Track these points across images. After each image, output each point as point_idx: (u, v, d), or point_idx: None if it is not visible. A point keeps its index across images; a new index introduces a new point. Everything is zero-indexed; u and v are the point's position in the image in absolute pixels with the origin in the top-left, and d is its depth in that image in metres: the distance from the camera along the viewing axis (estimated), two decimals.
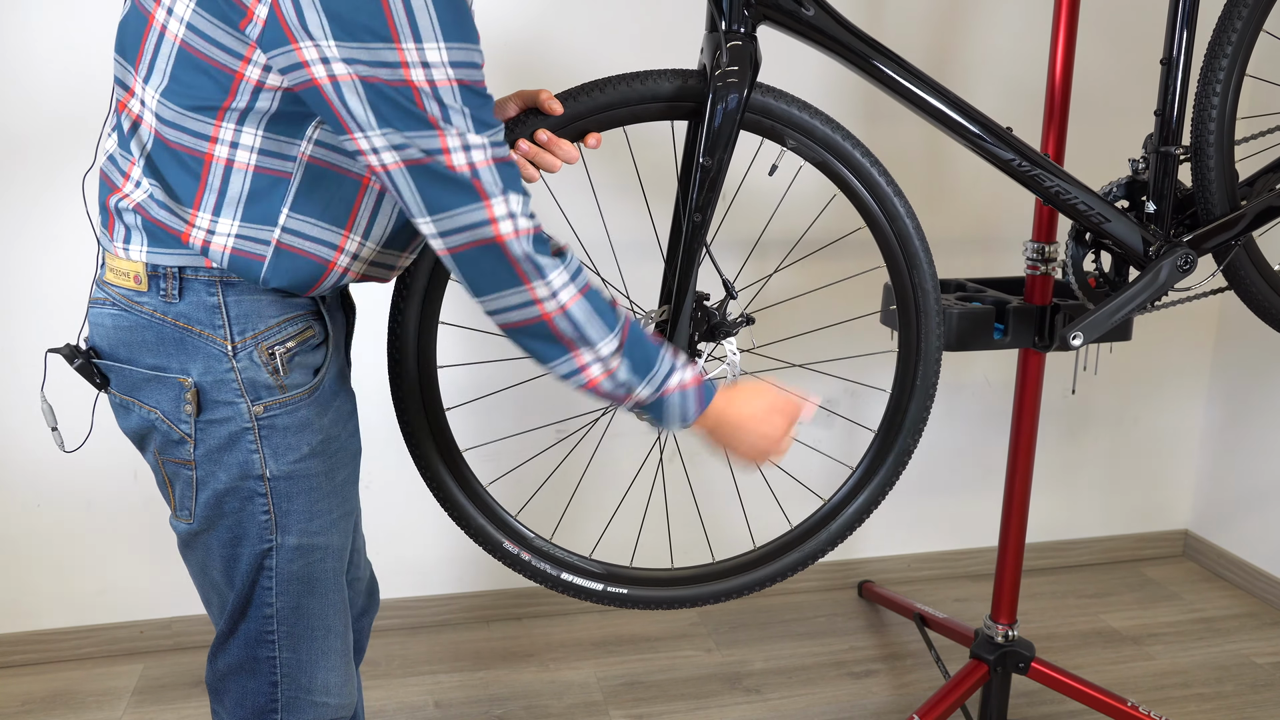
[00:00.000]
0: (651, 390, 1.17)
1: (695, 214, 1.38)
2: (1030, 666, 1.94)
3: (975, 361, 2.56)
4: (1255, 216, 1.67)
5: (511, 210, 1.05)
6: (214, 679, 1.24)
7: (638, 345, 1.16)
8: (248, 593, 1.17)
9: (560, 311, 1.09)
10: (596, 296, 1.13)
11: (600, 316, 1.12)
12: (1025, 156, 1.56)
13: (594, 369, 1.13)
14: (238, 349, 1.11)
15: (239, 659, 1.21)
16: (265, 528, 1.15)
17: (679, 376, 1.19)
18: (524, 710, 2.08)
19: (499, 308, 1.10)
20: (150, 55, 1.05)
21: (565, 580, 1.53)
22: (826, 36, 1.45)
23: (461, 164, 1.02)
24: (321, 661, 1.23)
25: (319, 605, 1.21)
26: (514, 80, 2.15)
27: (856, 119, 2.34)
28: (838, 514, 1.71)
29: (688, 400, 1.20)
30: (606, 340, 1.13)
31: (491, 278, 1.07)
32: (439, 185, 1.02)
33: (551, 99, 1.39)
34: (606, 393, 1.16)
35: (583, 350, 1.12)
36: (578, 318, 1.11)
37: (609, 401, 1.19)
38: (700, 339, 1.47)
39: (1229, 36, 1.58)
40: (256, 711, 1.22)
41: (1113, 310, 1.65)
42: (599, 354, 1.13)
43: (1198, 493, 2.80)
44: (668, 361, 1.19)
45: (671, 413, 1.20)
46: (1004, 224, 2.49)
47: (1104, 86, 2.47)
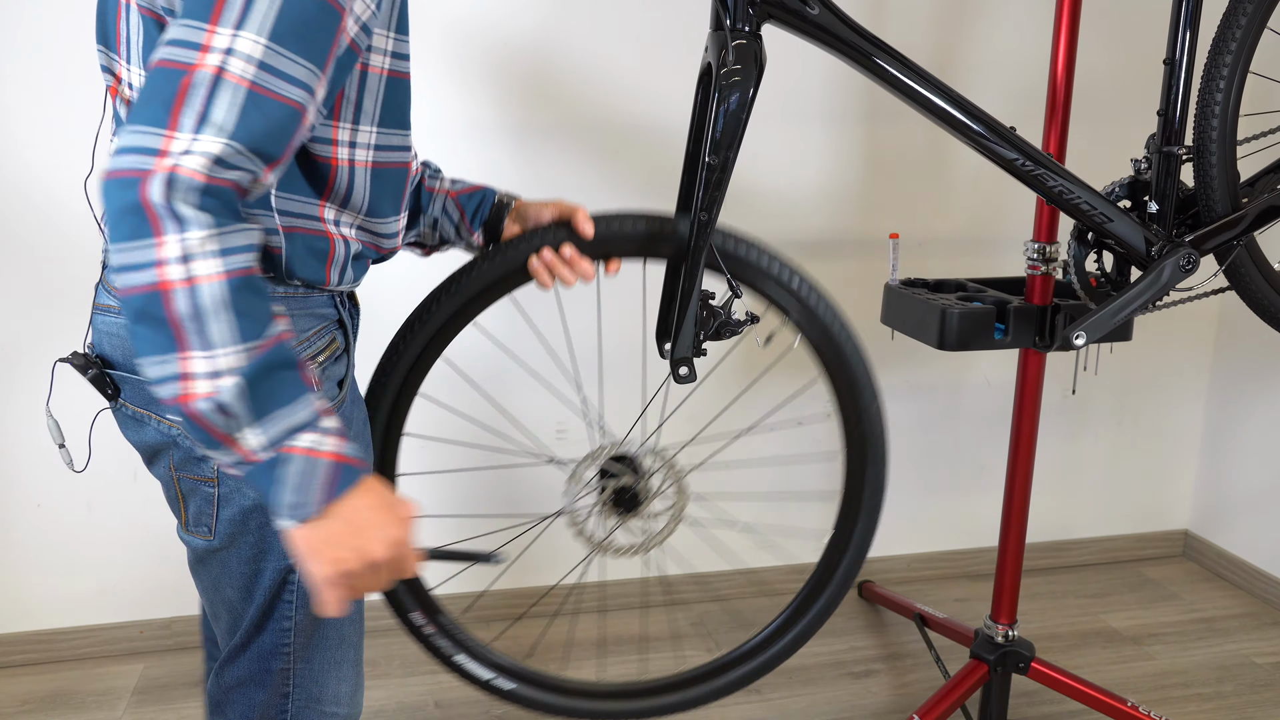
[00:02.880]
0: (266, 440, 0.87)
1: (701, 213, 1.37)
2: (1030, 666, 1.94)
3: (975, 361, 2.56)
4: (1257, 216, 1.67)
5: (191, 148, 0.85)
6: (219, 691, 1.21)
7: (276, 374, 0.87)
8: (268, 608, 1.14)
9: (185, 285, 0.83)
10: (251, 295, 0.86)
11: (239, 318, 0.85)
12: (1028, 156, 1.56)
13: (198, 382, 0.84)
14: None
15: (250, 672, 1.18)
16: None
17: (316, 440, 0.89)
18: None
19: (121, 264, 0.85)
20: (125, 33, 1.02)
21: (456, 662, 1.55)
22: (831, 35, 1.45)
23: (208, 64, 0.86)
24: (334, 672, 1.20)
25: (338, 619, 1.18)
26: (514, 81, 2.16)
27: (859, 118, 2.34)
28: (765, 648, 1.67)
29: (315, 474, 0.88)
30: (232, 350, 0.85)
31: (120, 220, 0.84)
32: (158, 80, 0.87)
33: (586, 220, 1.33)
34: (201, 419, 0.86)
35: (194, 352, 0.84)
36: (204, 303, 0.84)
37: (204, 441, 0.88)
38: (706, 339, 1.47)
39: (1232, 34, 1.58)
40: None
41: (1115, 310, 1.65)
42: (214, 364, 0.84)
43: (1198, 493, 2.80)
44: (307, 413, 0.89)
45: (284, 486, 0.88)
46: (1004, 224, 2.49)
47: (1106, 86, 2.47)
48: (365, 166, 1.08)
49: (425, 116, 2.13)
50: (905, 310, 1.86)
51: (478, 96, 2.15)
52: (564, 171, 2.22)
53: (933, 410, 2.56)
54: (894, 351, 2.51)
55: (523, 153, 2.19)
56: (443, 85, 2.13)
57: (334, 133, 1.04)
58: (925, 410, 2.56)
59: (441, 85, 2.12)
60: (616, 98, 2.21)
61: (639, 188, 2.27)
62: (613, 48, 2.19)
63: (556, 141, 2.20)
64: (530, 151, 2.19)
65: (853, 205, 2.39)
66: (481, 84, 2.14)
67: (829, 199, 2.38)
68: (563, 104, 2.19)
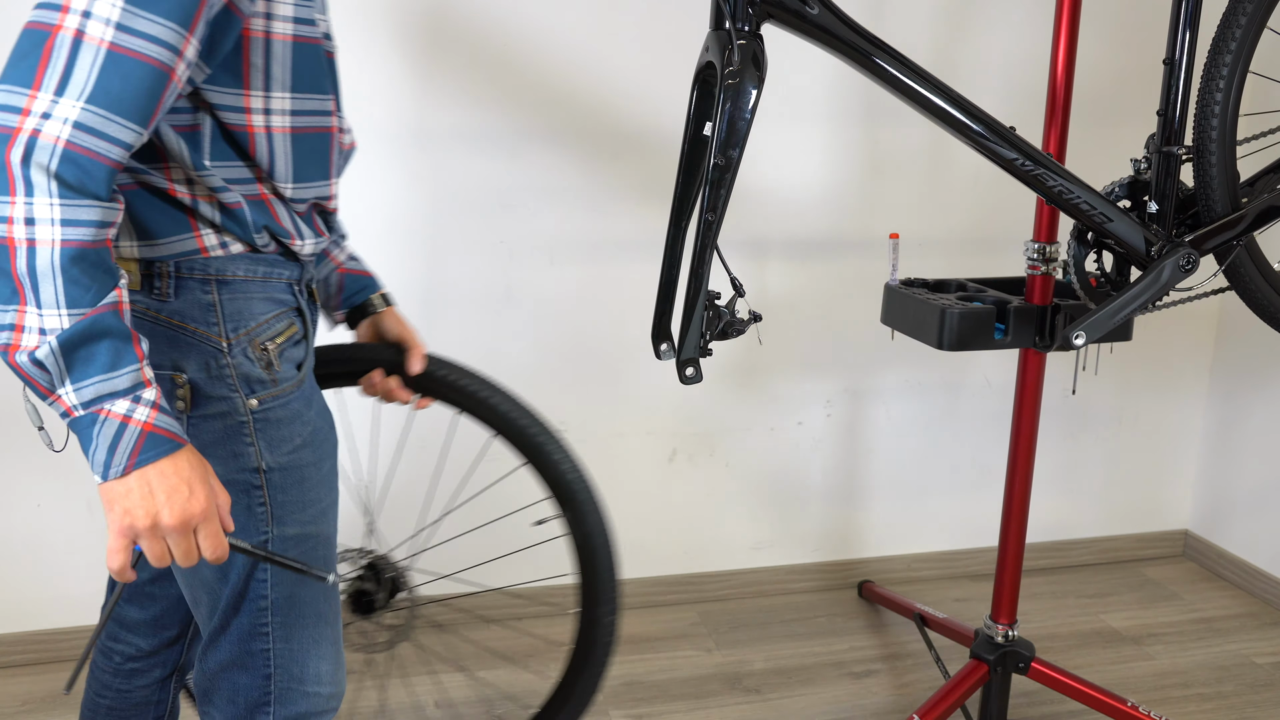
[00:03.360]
0: (79, 400, 0.93)
1: (707, 213, 1.37)
2: (1030, 666, 1.94)
3: (975, 361, 2.56)
4: (1256, 216, 1.67)
5: (51, 111, 0.90)
6: (204, 679, 1.23)
7: (99, 341, 0.93)
8: (243, 587, 1.17)
9: (25, 244, 0.90)
10: (87, 266, 0.92)
11: (70, 285, 0.91)
12: (1028, 155, 1.56)
13: (26, 335, 0.91)
14: (232, 344, 1.11)
15: (231, 655, 1.20)
16: (261, 519, 1.15)
17: (129, 407, 0.94)
18: (524, 710, 2.07)
19: None
20: None
21: None
22: (830, 35, 1.45)
23: (67, 25, 0.91)
24: (314, 650, 1.22)
25: (312, 594, 1.21)
26: (512, 80, 2.15)
27: (859, 118, 2.34)
28: None
29: (125, 438, 0.94)
30: (57, 312, 0.91)
31: None
32: (23, 41, 0.92)
33: (419, 360, 1.40)
34: (20, 369, 0.93)
35: (29, 307, 0.91)
36: (40, 264, 0.90)
37: (32, 389, 0.95)
38: (712, 339, 1.47)
39: (1232, 34, 1.58)
40: (249, 707, 1.21)
41: (1115, 310, 1.65)
42: (41, 321, 0.91)
43: (1198, 493, 2.80)
44: (126, 381, 0.94)
45: (98, 444, 0.94)
46: (1004, 224, 2.49)
47: (1106, 86, 2.48)
48: (284, 132, 1.11)
49: (425, 120, 2.14)
50: (905, 310, 1.86)
51: (475, 99, 2.15)
52: (564, 174, 2.22)
53: (933, 410, 2.56)
54: (894, 351, 2.51)
55: (522, 155, 2.19)
56: (440, 87, 2.13)
57: (247, 101, 1.07)
58: (925, 410, 2.56)
59: (439, 87, 2.13)
60: (615, 99, 2.21)
61: (639, 188, 2.27)
62: (613, 46, 2.19)
63: (555, 144, 2.20)
64: (530, 154, 2.19)
65: (853, 205, 2.39)
66: (480, 85, 2.14)
67: (829, 199, 2.38)
68: (561, 106, 2.19)
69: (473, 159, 2.17)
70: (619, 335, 2.33)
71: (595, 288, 2.30)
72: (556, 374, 2.32)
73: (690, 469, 2.46)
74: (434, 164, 2.16)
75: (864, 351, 2.49)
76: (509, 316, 2.27)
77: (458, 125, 2.15)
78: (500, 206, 2.21)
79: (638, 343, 2.35)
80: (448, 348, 2.25)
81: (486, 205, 2.20)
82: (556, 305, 2.29)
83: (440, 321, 2.23)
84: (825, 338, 2.46)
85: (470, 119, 2.15)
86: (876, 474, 2.57)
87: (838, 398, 2.50)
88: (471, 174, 2.19)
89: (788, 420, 2.48)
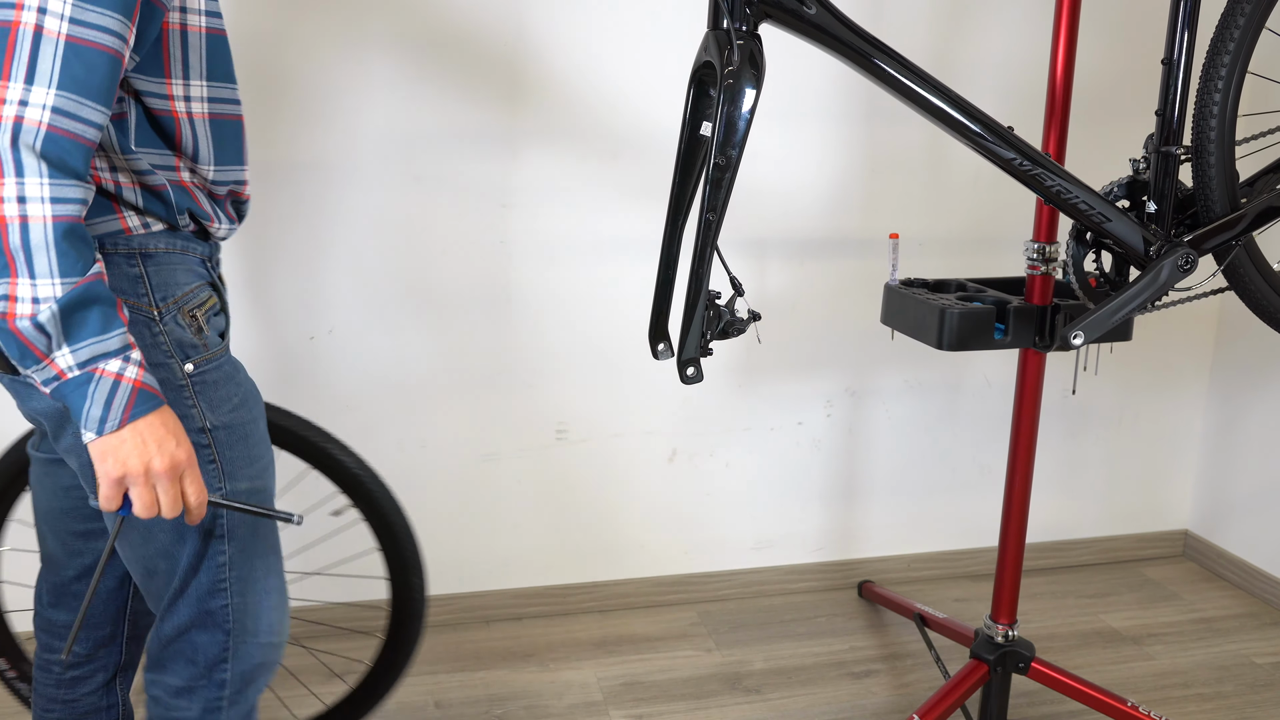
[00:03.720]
0: (78, 360, 1.01)
1: (708, 213, 1.37)
2: (1030, 666, 1.94)
3: (975, 361, 2.56)
4: (1256, 216, 1.67)
5: (26, 98, 0.96)
6: (159, 647, 1.26)
7: (89, 307, 1.01)
8: (202, 546, 1.21)
9: (19, 221, 0.96)
10: (74, 239, 1.00)
11: (62, 257, 0.98)
12: (1026, 156, 1.56)
13: (20, 304, 0.98)
14: (163, 313, 1.17)
15: (191, 616, 1.23)
16: (214, 476, 1.20)
17: (124, 366, 1.03)
18: (524, 710, 2.08)
19: None
20: None
21: None
22: (828, 35, 1.45)
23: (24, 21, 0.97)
24: (265, 601, 1.27)
25: (262, 546, 1.27)
26: (512, 80, 2.16)
27: (859, 118, 2.34)
28: None
29: (118, 394, 1.03)
30: (52, 281, 0.98)
31: None
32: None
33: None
34: (21, 335, 0.99)
35: (20, 279, 0.98)
36: (34, 239, 0.97)
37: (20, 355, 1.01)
38: (713, 338, 1.47)
39: (1231, 34, 1.58)
40: (209, 665, 1.25)
41: (1114, 310, 1.65)
42: (36, 290, 0.98)
43: (1198, 493, 2.80)
44: (117, 343, 1.03)
45: (93, 401, 1.02)
46: (1004, 224, 2.49)
47: (1105, 86, 2.48)
48: (203, 118, 1.18)
49: (425, 120, 2.14)
50: (905, 310, 1.86)
51: (475, 99, 2.15)
52: (564, 174, 2.22)
53: (933, 410, 2.56)
54: (894, 351, 2.51)
55: (522, 155, 2.19)
56: (440, 88, 2.13)
57: (169, 88, 1.14)
58: (925, 410, 2.56)
59: (439, 88, 2.13)
60: (615, 98, 2.21)
61: (638, 188, 2.27)
62: (612, 45, 2.19)
63: (555, 144, 2.20)
64: (530, 154, 2.19)
65: (853, 205, 2.39)
66: (480, 85, 2.14)
67: (829, 199, 2.38)
68: (560, 106, 2.19)
69: (473, 159, 2.17)
70: (619, 335, 2.33)
71: (595, 288, 2.30)
72: (556, 374, 2.32)
73: (690, 469, 2.46)
74: (434, 164, 2.16)
75: (864, 351, 2.49)
76: (509, 316, 2.27)
77: (458, 125, 2.15)
78: (500, 206, 2.21)
79: (637, 343, 2.35)
80: (448, 348, 2.26)
81: (486, 205, 2.20)
82: (556, 305, 2.29)
83: (440, 322, 2.23)
84: (825, 338, 2.46)
85: (470, 119, 2.15)
86: (876, 474, 2.57)
87: (838, 398, 2.50)
88: (472, 174, 2.19)
89: (788, 420, 2.48)
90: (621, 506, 2.44)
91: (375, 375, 2.23)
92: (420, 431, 2.28)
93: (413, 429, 2.27)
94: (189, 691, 1.26)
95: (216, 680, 1.26)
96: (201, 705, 1.26)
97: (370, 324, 2.21)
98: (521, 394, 2.32)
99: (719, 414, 2.44)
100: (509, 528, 2.38)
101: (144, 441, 1.05)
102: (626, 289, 2.32)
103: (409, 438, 2.28)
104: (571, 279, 2.28)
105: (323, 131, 2.10)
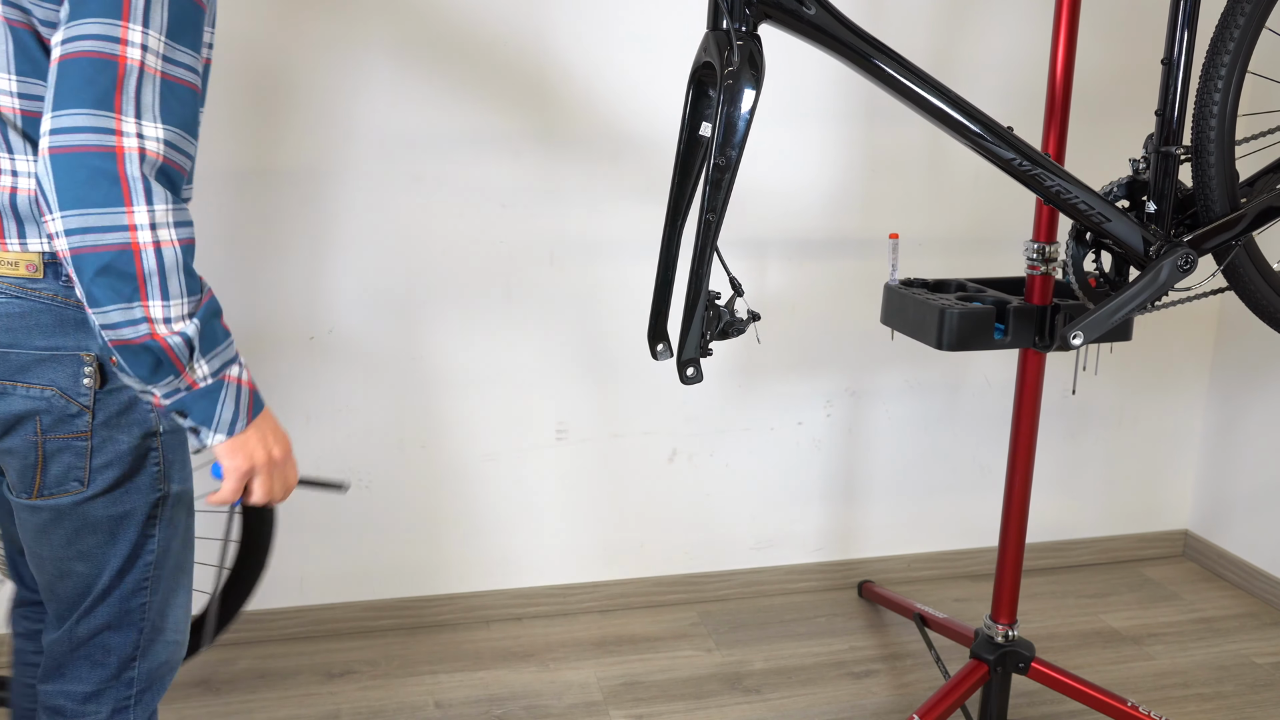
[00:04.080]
0: (211, 369, 1.10)
1: (708, 214, 1.37)
2: (1030, 666, 1.94)
3: (975, 361, 2.56)
4: (1255, 217, 1.67)
5: (143, 132, 1.03)
6: (66, 650, 1.27)
7: (213, 320, 1.11)
8: (136, 545, 1.24)
9: (153, 247, 1.03)
10: (191, 258, 1.09)
11: (188, 276, 1.07)
12: (1026, 156, 1.56)
13: (159, 325, 1.05)
14: None
15: (111, 616, 1.25)
16: (156, 478, 1.24)
17: (241, 371, 1.14)
18: (524, 710, 2.08)
19: (81, 226, 1.02)
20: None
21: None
22: (827, 35, 1.45)
23: (131, 58, 1.02)
24: (173, 600, 1.31)
25: (182, 546, 1.30)
26: (512, 81, 2.16)
27: (859, 118, 2.34)
28: None
29: (242, 397, 1.14)
30: (184, 300, 1.07)
31: (88, 187, 1.01)
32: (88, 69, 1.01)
33: None
34: (171, 351, 1.07)
35: (152, 301, 1.05)
36: (167, 262, 1.04)
37: (153, 370, 1.08)
38: (713, 339, 1.47)
39: (1230, 34, 1.58)
40: (121, 663, 1.27)
41: (1113, 310, 1.65)
42: (168, 311, 1.06)
43: (1198, 493, 2.80)
44: (234, 350, 1.14)
45: (225, 405, 1.12)
46: (1004, 224, 2.49)
47: (1105, 86, 2.48)
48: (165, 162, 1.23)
49: (423, 123, 2.14)
50: (905, 310, 1.86)
51: (475, 100, 2.15)
52: (564, 174, 2.22)
53: (933, 410, 2.56)
54: (894, 351, 2.51)
55: (522, 155, 2.19)
56: (440, 88, 2.13)
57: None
58: (925, 410, 2.56)
59: (439, 88, 2.13)
60: (615, 99, 2.21)
61: (638, 188, 2.27)
62: (611, 45, 2.19)
63: (555, 144, 2.20)
64: (530, 154, 2.19)
65: (853, 205, 2.39)
66: (480, 86, 2.14)
67: (829, 199, 2.38)
68: (560, 106, 2.19)
69: (473, 159, 2.17)
70: (619, 335, 2.33)
71: (595, 288, 2.30)
72: (556, 374, 2.32)
73: (690, 469, 2.46)
74: (434, 164, 2.16)
75: (864, 351, 2.49)
76: (509, 316, 2.27)
77: (458, 125, 2.15)
78: (500, 206, 2.21)
79: (637, 343, 2.35)
80: (448, 348, 2.26)
81: (486, 205, 2.20)
82: (556, 305, 2.29)
83: (440, 322, 2.23)
84: (825, 338, 2.46)
85: (470, 119, 2.16)
86: (876, 474, 2.57)
87: (838, 398, 2.50)
88: (472, 174, 2.19)
89: (788, 420, 2.48)
90: (621, 506, 2.44)
91: (375, 375, 2.24)
92: (420, 431, 2.28)
93: (413, 429, 2.27)
94: (97, 695, 1.27)
95: (125, 679, 1.28)
96: (110, 707, 1.28)
97: (370, 324, 2.21)
98: (521, 394, 2.32)
99: (719, 414, 2.44)
100: (509, 528, 2.38)
101: (264, 436, 1.16)
102: (626, 289, 2.32)
103: (409, 438, 2.28)
104: (571, 279, 2.28)
105: (323, 132, 2.10)
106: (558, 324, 2.30)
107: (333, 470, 2.25)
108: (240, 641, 2.29)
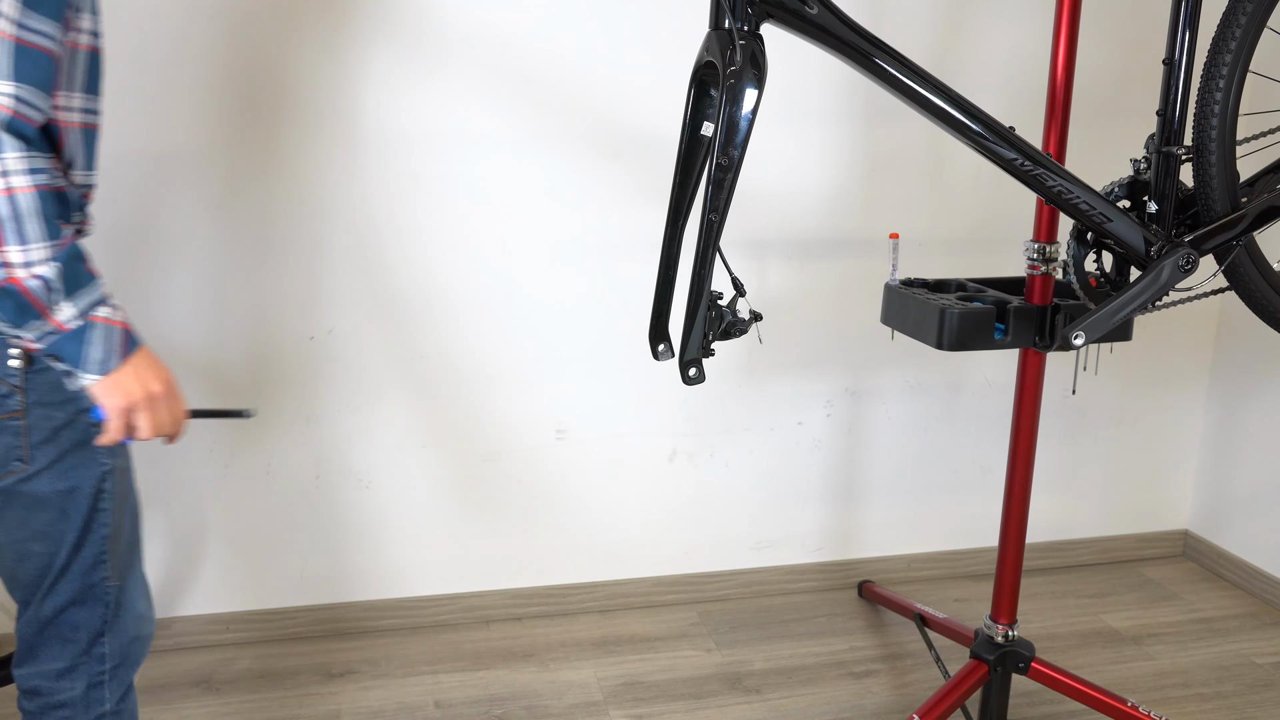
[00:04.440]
0: (76, 311, 1.13)
1: (710, 214, 1.37)
2: (1030, 666, 1.94)
3: (975, 361, 2.56)
4: (1256, 216, 1.67)
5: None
6: (35, 632, 1.29)
7: (75, 264, 1.13)
8: (88, 519, 1.27)
9: (5, 194, 1.08)
10: (51, 204, 1.11)
11: (45, 221, 1.10)
12: (1027, 155, 1.56)
13: (16, 269, 1.10)
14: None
15: (74, 592, 1.28)
16: (99, 452, 1.27)
17: (110, 311, 1.16)
18: (524, 710, 2.08)
19: None
20: None
21: None
22: (829, 34, 1.45)
23: None
24: (130, 575, 1.34)
25: (132, 522, 1.34)
26: (512, 81, 2.16)
27: (859, 118, 2.34)
28: None
29: (113, 336, 1.16)
30: (42, 244, 1.10)
31: None
32: None
33: None
34: (30, 294, 1.11)
35: (10, 245, 1.09)
36: (21, 207, 1.08)
37: (20, 314, 1.12)
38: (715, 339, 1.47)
39: (1232, 34, 1.58)
40: (89, 639, 1.30)
41: (1114, 310, 1.65)
42: (27, 255, 1.10)
43: (1198, 493, 2.80)
44: (100, 291, 1.16)
45: (94, 345, 1.15)
46: (1004, 224, 2.49)
47: (1106, 86, 2.48)
48: (80, 127, 1.25)
49: (423, 123, 2.14)
50: (905, 310, 1.86)
51: (476, 100, 2.15)
52: (564, 174, 2.22)
53: (933, 410, 2.56)
54: (894, 351, 2.51)
55: (523, 155, 2.19)
56: (440, 89, 2.13)
57: (58, 99, 1.22)
58: (925, 410, 2.56)
59: (439, 89, 2.13)
60: (615, 99, 2.21)
61: (639, 188, 2.27)
62: (611, 45, 2.19)
63: (556, 144, 2.20)
64: (531, 154, 2.19)
65: (853, 205, 2.39)
66: (481, 86, 2.14)
67: (829, 199, 2.38)
68: (561, 106, 2.19)
69: (473, 159, 2.17)
70: (619, 335, 2.33)
71: (595, 288, 2.30)
72: (556, 374, 2.32)
73: (690, 469, 2.46)
74: (434, 164, 2.16)
75: (864, 351, 2.49)
76: (509, 316, 2.27)
77: (458, 126, 2.15)
78: (500, 206, 2.21)
79: (637, 343, 2.35)
80: (448, 348, 2.26)
81: (487, 205, 2.20)
82: (556, 305, 2.29)
83: (440, 322, 2.23)
84: (825, 338, 2.46)
85: (470, 119, 2.15)
86: (876, 474, 2.57)
87: (838, 398, 2.50)
88: (472, 174, 2.19)
89: (788, 420, 2.48)
90: (621, 506, 2.44)
91: (375, 375, 2.23)
92: (420, 431, 2.28)
93: (413, 429, 2.27)
94: (70, 671, 1.30)
95: (96, 655, 1.31)
96: (85, 682, 1.31)
97: (370, 324, 2.21)
98: (521, 394, 2.32)
99: (719, 414, 2.44)
100: (509, 527, 2.38)
101: (139, 372, 1.19)
102: (626, 289, 2.32)
103: (409, 438, 2.27)
104: (571, 279, 2.28)
105: (323, 131, 2.10)
106: (558, 324, 2.30)
107: (332, 470, 2.25)
108: (240, 641, 2.29)
